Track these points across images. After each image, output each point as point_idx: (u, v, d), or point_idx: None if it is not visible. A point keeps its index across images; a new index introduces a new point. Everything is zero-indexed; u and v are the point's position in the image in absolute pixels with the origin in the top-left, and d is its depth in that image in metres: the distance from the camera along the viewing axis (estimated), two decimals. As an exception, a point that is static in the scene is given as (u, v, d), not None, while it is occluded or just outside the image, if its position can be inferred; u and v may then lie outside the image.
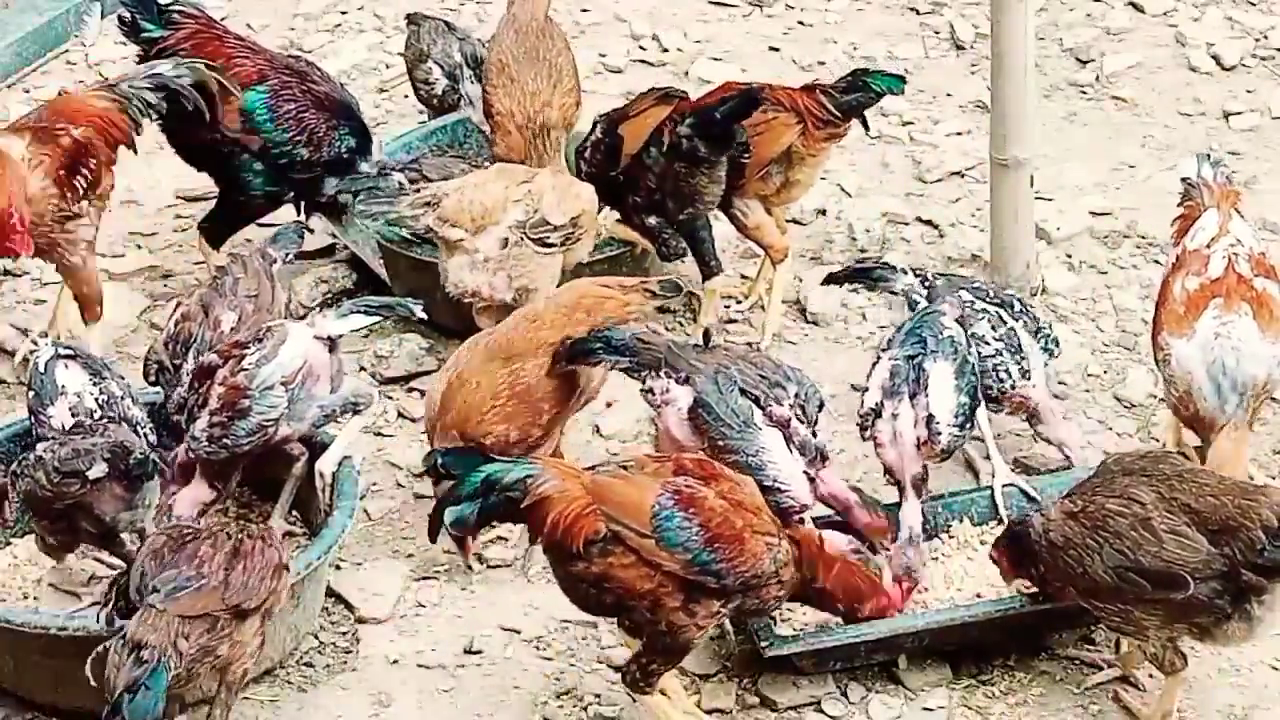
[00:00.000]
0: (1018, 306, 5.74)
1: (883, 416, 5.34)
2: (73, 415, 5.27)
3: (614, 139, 6.14)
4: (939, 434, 5.31)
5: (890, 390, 5.35)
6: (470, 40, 7.03)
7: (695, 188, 6.10)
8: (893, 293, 5.75)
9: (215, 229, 6.41)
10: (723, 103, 6.01)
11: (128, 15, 6.31)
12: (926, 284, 5.67)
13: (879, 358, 5.44)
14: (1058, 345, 5.76)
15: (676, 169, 6.06)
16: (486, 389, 5.40)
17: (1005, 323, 5.66)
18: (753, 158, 6.07)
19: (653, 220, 6.18)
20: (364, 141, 6.39)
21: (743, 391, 5.24)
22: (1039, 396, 5.66)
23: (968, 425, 5.39)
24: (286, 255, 5.80)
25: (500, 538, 5.59)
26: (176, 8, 6.34)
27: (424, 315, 5.67)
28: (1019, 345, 5.65)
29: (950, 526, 5.52)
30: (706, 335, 5.50)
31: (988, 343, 5.61)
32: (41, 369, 5.34)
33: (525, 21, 6.48)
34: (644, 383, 5.35)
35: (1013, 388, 5.63)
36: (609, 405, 6.01)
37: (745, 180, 6.14)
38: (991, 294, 5.74)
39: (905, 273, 5.72)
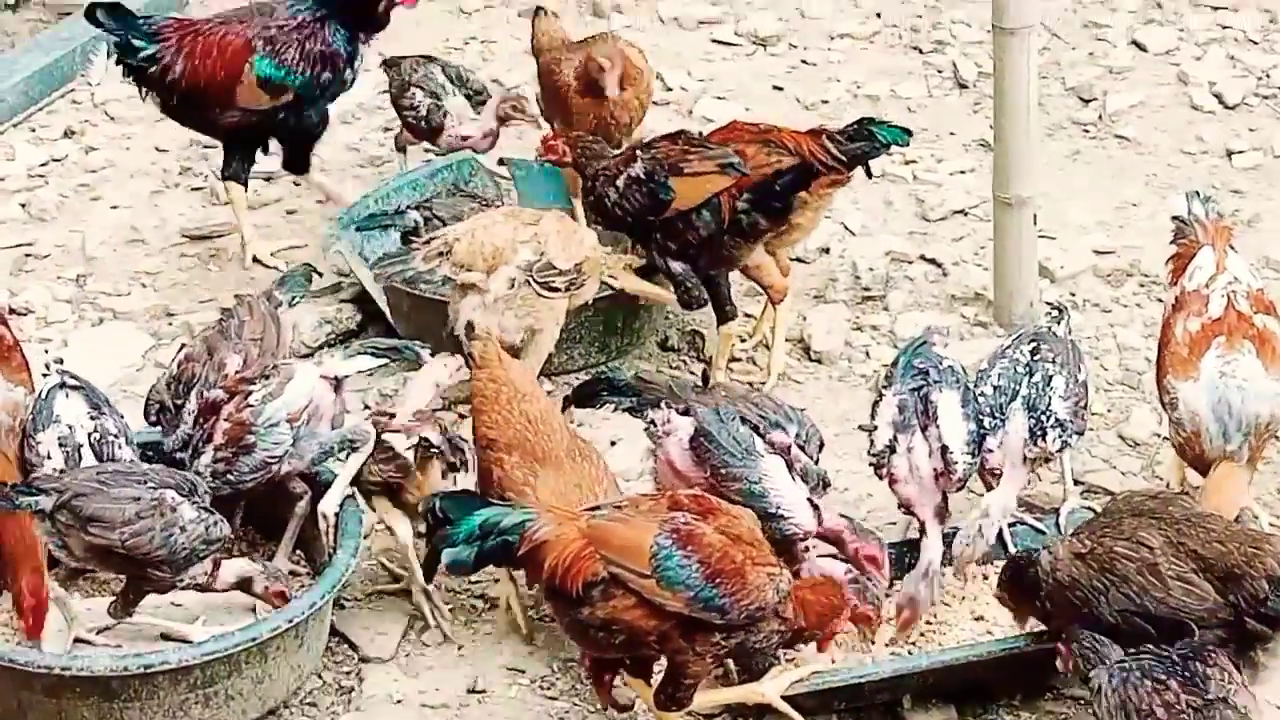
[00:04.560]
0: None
1: (897, 452, 5.35)
2: (60, 446, 5.28)
3: (662, 189, 6.05)
4: (955, 463, 5.33)
5: (901, 425, 5.36)
6: (451, 65, 7.05)
7: (737, 256, 6.12)
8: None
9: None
10: (780, 175, 5.99)
11: (117, 38, 6.58)
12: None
13: (881, 395, 5.44)
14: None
15: (727, 239, 6.05)
16: None
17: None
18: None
19: (678, 267, 6.15)
20: (348, 21, 6.60)
21: (743, 420, 5.25)
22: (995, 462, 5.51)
23: (979, 452, 5.40)
24: (293, 299, 5.81)
25: (495, 579, 5.59)
26: (150, 19, 6.65)
27: (430, 359, 5.68)
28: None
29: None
30: (705, 376, 5.51)
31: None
32: (43, 395, 5.36)
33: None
34: (645, 417, 5.36)
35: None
36: (613, 444, 6.01)
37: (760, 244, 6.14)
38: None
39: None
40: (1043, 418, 5.43)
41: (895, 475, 5.35)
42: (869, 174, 6.28)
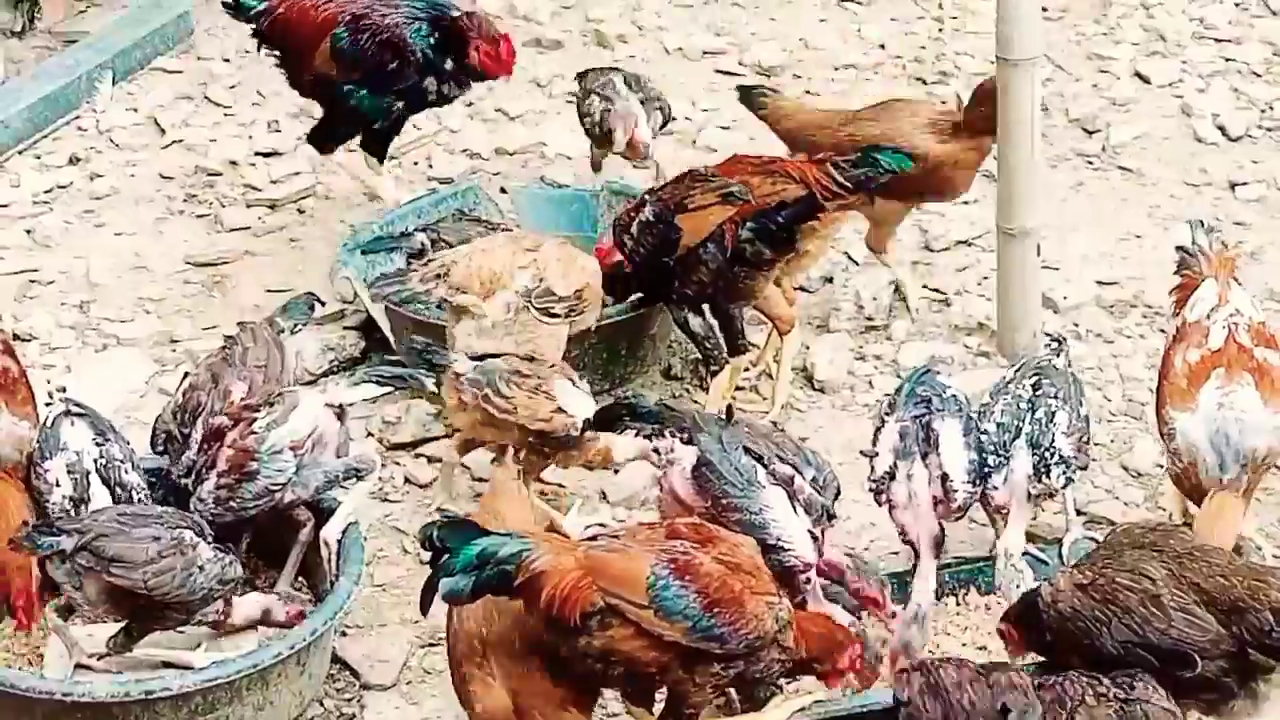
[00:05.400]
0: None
1: (896, 479, 5.35)
2: (69, 473, 5.30)
3: (671, 229, 6.10)
4: (955, 491, 5.33)
5: (902, 452, 5.37)
6: (630, 73, 7.12)
7: (750, 288, 6.12)
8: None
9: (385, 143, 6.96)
10: (782, 207, 6.01)
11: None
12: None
13: (884, 422, 5.45)
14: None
15: (736, 271, 6.07)
16: None
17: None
18: None
19: (698, 325, 6.17)
20: (440, 30, 6.74)
21: (747, 450, 5.25)
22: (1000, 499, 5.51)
23: (980, 481, 5.40)
24: (295, 325, 5.82)
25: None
26: None
27: (435, 388, 5.68)
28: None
29: (957, 595, 5.51)
30: (729, 410, 5.51)
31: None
32: (49, 424, 5.37)
33: None
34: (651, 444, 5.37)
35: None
36: (615, 472, 6.01)
37: (773, 275, 6.14)
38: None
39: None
40: (1046, 454, 5.43)
41: (894, 502, 5.36)
42: (872, 201, 6.29)
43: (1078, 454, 5.47)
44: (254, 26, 6.96)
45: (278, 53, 6.97)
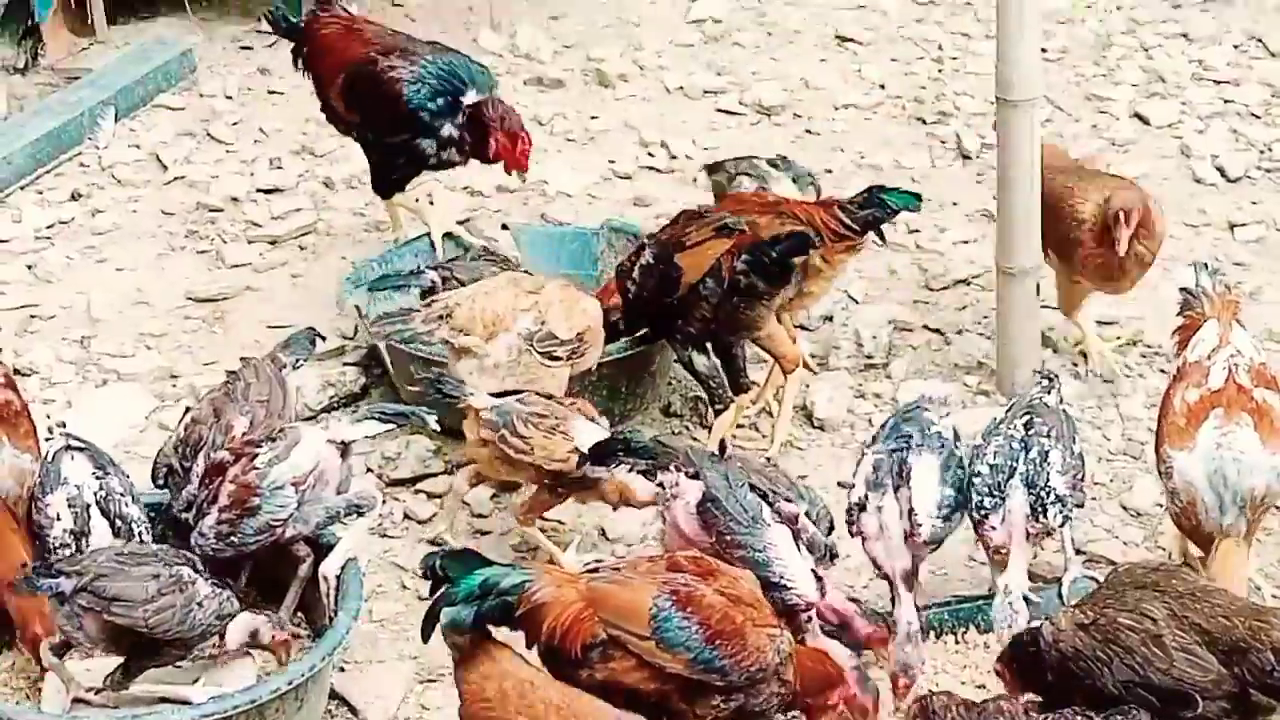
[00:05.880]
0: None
1: (867, 510, 5.36)
2: (69, 507, 5.30)
3: (671, 268, 6.10)
4: (920, 525, 5.34)
5: (874, 484, 5.38)
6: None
7: (752, 319, 6.12)
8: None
9: (392, 185, 6.93)
10: (776, 241, 6.01)
11: (270, 14, 7.03)
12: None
13: (864, 454, 5.47)
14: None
15: (735, 303, 6.07)
16: None
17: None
18: None
19: (703, 364, 6.17)
20: (454, 105, 6.73)
21: (752, 488, 5.26)
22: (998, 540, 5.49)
23: (954, 517, 5.41)
24: (297, 361, 5.83)
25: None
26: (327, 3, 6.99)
27: (438, 426, 5.68)
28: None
29: (957, 633, 5.51)
30: (722, 446, 5.52)
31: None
32: (49, 458, 5.37)
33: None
34: (656, 479, 5.37)
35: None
36: (615, 509, 6.01)
37: (774, 306, 6.14)
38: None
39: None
40: (1042, 494, 5.43)
41: (865, 533, 5.38)
42: (882, 239, 6.31)
43: (1073, 492, 5.47)
44: (293, 44, 6.98)
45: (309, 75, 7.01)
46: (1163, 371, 6.50)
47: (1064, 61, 8.32)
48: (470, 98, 6.72)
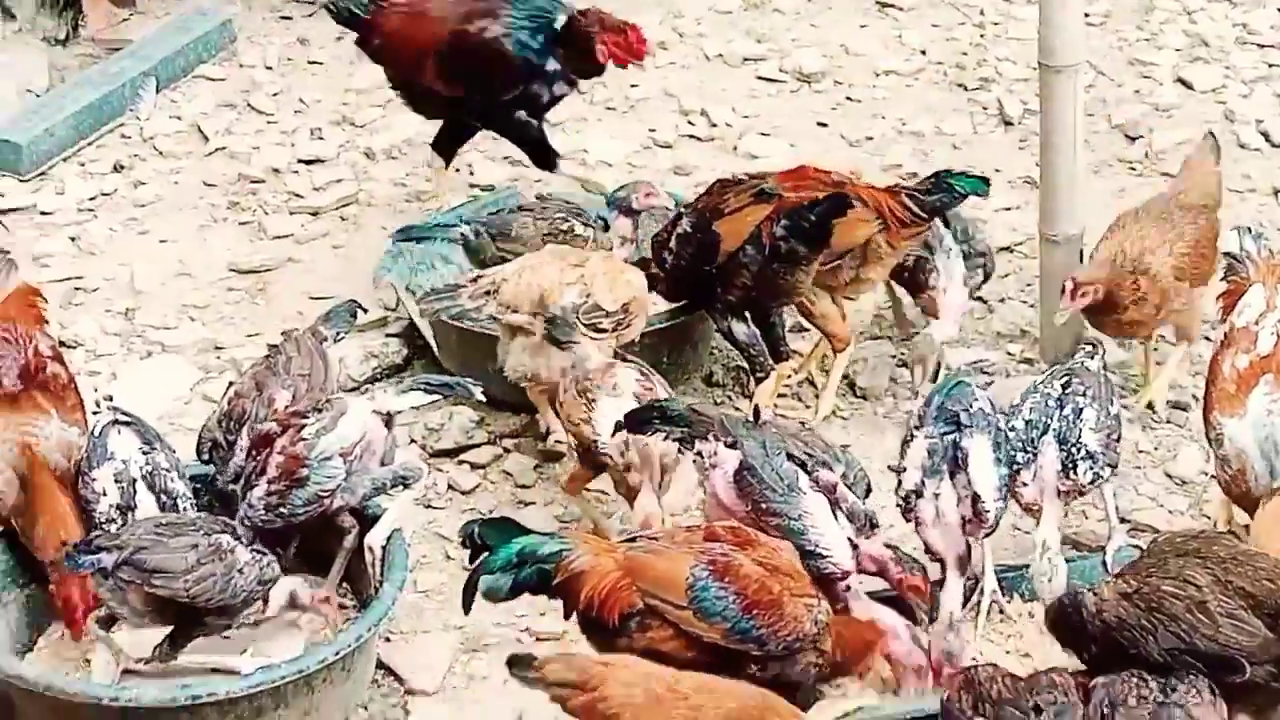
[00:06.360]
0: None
1: (923, 496, 5.34)
2: (116, 482, 5.33)
3: (710, 236, 6.07)
4: (986, 511, 5.32)
5: (930, 469, 5.35)
6: (963, 218, 6.51)
7: (792, 284, 6.09)
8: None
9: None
10: (814, 205, 5.98)
11: (333, 5, 6.94)
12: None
13: (913, 435, 5.44)
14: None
15: (775, 268, 6.04)
16: None
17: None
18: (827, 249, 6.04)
19: (742, 331, 6.14)
20: (549, 36, 6.70)
21: (790, 456, 5.25)
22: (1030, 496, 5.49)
23: (1008, 495, 5.39)
24: (338, 334, 5.84)
25: (541, 613, 5.59)
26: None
27: (483, 396, 5.69)
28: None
29: (1000, 602, 5.50)
30: (757, 412, 5.51)
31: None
32: (96, 433, 5.40)
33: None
34: (694, 448, 5.36)
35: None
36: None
37: (813, 271, 6.12)
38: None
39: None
40: (1073, 450, 5.42)
41: (921, 519, 5.35)
42: (946, 224, 6.26)
43: (1106, 450, 5.45)
44: (357, 35, 6.95)
45: (381, 65, 6.97)
46: (1207, 339, 6.47)
47: (1106, 26, 8.27)
48: (560, 20, 6.71)
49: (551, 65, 6.71)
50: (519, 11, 6.73)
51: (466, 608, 4.98)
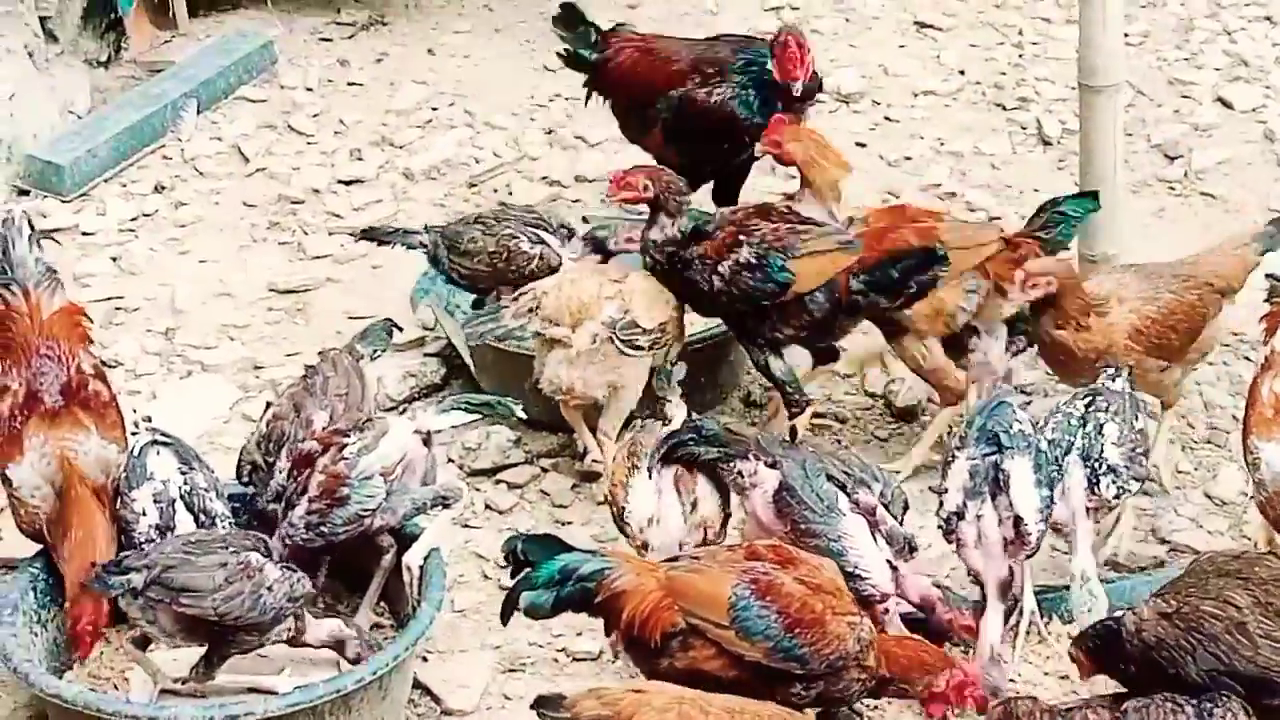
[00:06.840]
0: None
1: (965, 518, 5.33)
2: (155, 502, 5.35)
3: (782, 274, 5.88)
4: (1028, 533, 5.30)
5: (971, 491, 5.33)
6: None
7: (845, 331, 6.07)
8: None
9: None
10: (898, 260, 5.87)
11: (564, 51, 6.97)
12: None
13: (954, 457, 5.42)
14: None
15: (841, 319, 5.97)
16: None
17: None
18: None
19: (779, 368, 6.03)
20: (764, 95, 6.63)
21: (829, 478, 5.25)
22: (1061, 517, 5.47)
23: (1049, 516, 5.37)
24: (374, 352, 5.86)
25: (578, 633, 5.60)
26: (611, 30, 6.96)
27: (523, 415, 5.69)
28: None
29: (1039, 624, 5.49)
30: (793, 432, 5.51)
31: None
32: (135, 453, 5.42)
33: None
34: (733, 468, 5.35)
35: None
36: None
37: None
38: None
39: None
40: (1095, 465, 5.42)
41: (963, 541, 5.33)
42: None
43: (1130, 465, 5.43)
44: (586, 77, 6.97)
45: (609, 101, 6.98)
46: (1247, 359, 6.44)
47: (1146, 45, 8.25)
48: (768, 70, 6.64)
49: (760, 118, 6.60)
50: (742, 76, 6.65)
51: (505, 620, 4.98)
